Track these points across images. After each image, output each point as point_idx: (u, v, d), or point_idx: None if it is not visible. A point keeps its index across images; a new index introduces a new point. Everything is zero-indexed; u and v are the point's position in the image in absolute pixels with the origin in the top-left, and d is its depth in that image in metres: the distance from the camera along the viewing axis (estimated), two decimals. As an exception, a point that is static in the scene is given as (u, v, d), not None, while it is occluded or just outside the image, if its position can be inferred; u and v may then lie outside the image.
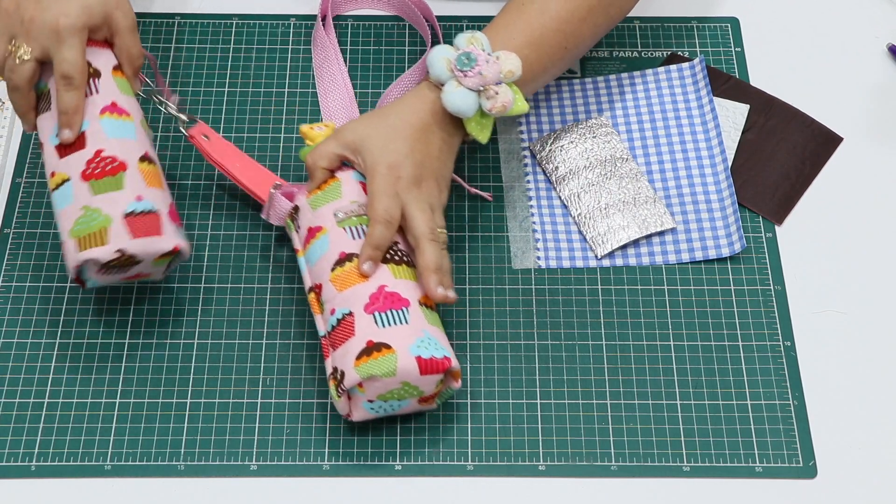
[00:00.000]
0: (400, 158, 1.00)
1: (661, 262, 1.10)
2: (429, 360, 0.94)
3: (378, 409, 0.97)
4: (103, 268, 0.98)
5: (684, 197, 1.13)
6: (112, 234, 0.97)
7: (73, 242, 0.98)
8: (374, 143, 1.01)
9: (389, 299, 0.97)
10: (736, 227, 1.10)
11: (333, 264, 0.99)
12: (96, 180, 0.99)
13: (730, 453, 1.00)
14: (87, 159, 1.00)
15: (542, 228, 1.11)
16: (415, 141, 1.02)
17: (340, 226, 1.01)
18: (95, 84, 1.03)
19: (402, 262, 1.00)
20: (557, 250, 1.10)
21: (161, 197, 1.01)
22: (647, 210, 1.11)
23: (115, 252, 0.97)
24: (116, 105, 1.03)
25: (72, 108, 1.01)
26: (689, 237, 1.11)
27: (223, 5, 1.27)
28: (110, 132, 1.01)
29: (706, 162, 1.15)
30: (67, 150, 1.01)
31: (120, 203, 0.98)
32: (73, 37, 1.00)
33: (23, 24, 1.00)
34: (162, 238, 0.99)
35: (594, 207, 1.12)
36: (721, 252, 1.10)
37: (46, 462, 0.99)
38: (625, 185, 1.13)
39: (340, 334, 0.97)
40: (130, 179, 1.00)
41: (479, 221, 1.12)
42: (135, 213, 0.98)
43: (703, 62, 1.19)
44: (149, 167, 1.02)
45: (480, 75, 1.02)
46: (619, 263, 1.10)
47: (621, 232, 1.10)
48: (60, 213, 1.00)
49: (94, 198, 0.98)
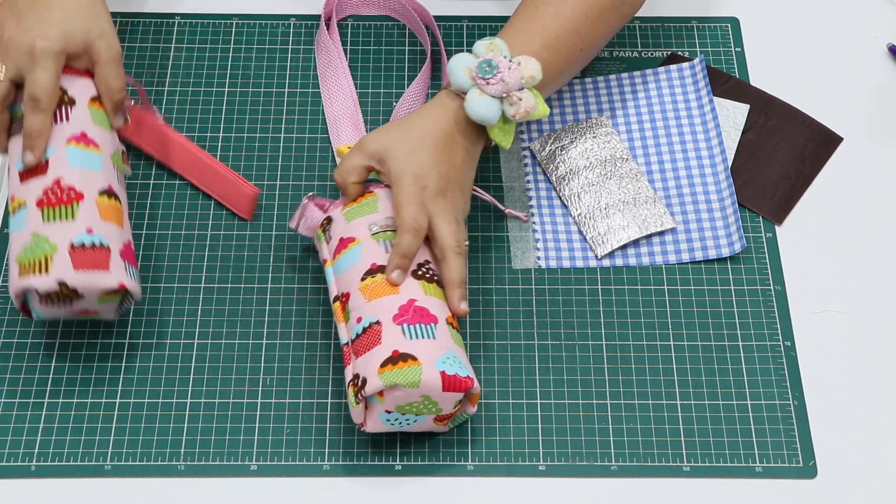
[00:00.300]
0: (425, 170, 1.00)
1: (661, 262, 1.10)
2: (452, 377, 0.93)
3: (393, 422, 0.96)
4: (45, 299, 0.96)
5: (684, 197, 1.13)
6: (55, 263, 0.95)
7: (16, 268, 0.96)
8: (398, 154, 1.01)
9: (419, 313, 0.96)
10: (736, 227, 1.10)
11: (364, 274, 0.99)
12: (49, 207, 0.97)
13: (730, 453, 1.00)
14: (45, 186, 0.98)
15: (542, 228, 1.12)
16: (439, 151, 1.02)
17: (374, 238, 1.00)
18: (67, 111, 1.02)
19: (433, 280, 0.99)
20: (557, 250, 1.10)
21: (116, 233, 0.99)
22: (647, 210, 1.11)
23: (55, 282, 0.94)
24: (86, 135, 1.01)
25: (35, 131, 1.00)
26: (690, 237, 1.11)
27: (223, 5, 1.27)
28: (73, 161, 1.00)
29: (706, 162, 1.15)
30: (29, 175, 0.99)
31: (69, 233, 0.96)
32: (48, 60, 1.00)
33: (1, 43, 1.01)
34: (107, 274, 0.96)
35: (594, 207, 1.12)
36: (721, 252, 1.10)
37: (46, 462, 0.99)
38: (625, 185, 1.13)
39: (366, 342, 0.96)
40: (85, 211, 0.97)
41: (479, 221, 1.12)
42: (83, 246, 0.96)
43: (703, 62, 1.19)
44: (109, 201, 1.00)
45: (503, 82, 1.02)
46: (619, 263, 1.10)
47: (621, 232, 1.10)
48: (12, 238, 0.98)
49: (45, 225, 0.96)
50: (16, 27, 1.01)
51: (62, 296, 0.96)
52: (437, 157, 1.01)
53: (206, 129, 1.17)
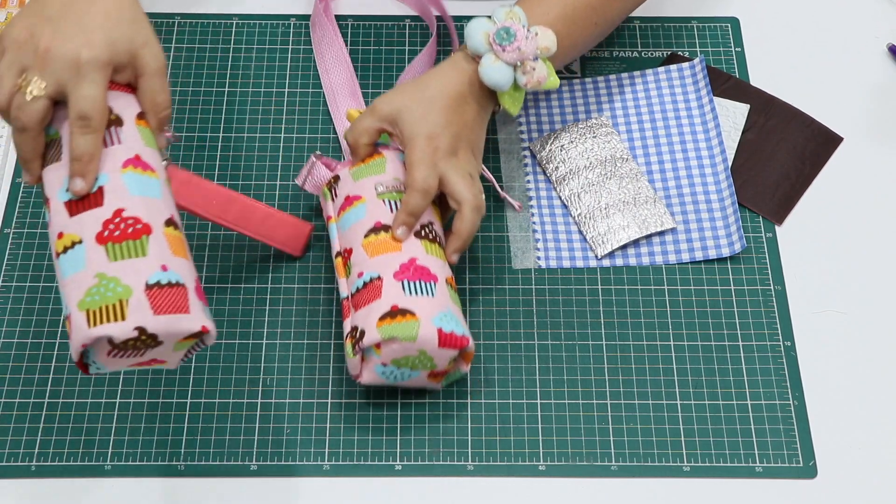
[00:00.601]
0: (438, 129, 1.02)
1: (661, 262, 1.10)
2: (449, 334, 0.96)
3: (388, 375, 0.98)
4: (116, 349, 0.83)
5: (684, 197, 1.13)
6: (132, 307, 0.82)
7: (82, 316, 0.82)
8: (411, 115, 1.02)
9: (419, 271, 0.98)
10: (736, 227, 1.10)
11: (368, 231, 1.01)
12: (115, 244, 0.84)
13: (730, 453, 1.00)
14: (104, 219, 0.85)
15: (542, 228, 1.12)
16: (451, 112, 1.03)
17: (380, 198, 1.02)
18: (117, 133, 0.88)
19: (436, 241, 1.01)
20: (557, 250, 1.10)
21: (188, 269, 0.87)
22: (647, 210, 1.11)
23: (133, 330, 0.82)
24: (140, 159, 0.88)
25: (87, 155, 0.86)
26: (690, 237, 1.11)
27: (224, 5, 1.27)
28: (133, 189, 0.86)
29: (706, 162, 1.15)
30: (80, 206, 0.85)
31: (143, 272, 0.83)
32: (96, 72, 0.87)
33: (37, 54, 0.87)
34: (189, 317, 0.84)
35: (594, 207, 1.12)
36: (721, 252, 1.10)
37: (46, 462, 0.99)
38: (625, 185, 1.13)
39: (366, 296, 0.98)
40: (155, 245, 0.84)
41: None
42: (160, 285, 0.83)
43: (703, 62, 1.19)
44: (174, 233, 0.87)
45: (519, 51, 1.03)
46: (619, 263, 1.10)
47: (621, 232, 1.10)
48: (67, 282, 0.84)
49: (112, 264, 0.83)
50: (52, 36, 0.87)
51: (138, 344, 0.83)
52: (450, 117, 1.02)
53: (206, 129, 1.17)
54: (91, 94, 0.87)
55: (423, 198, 1.00)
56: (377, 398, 1.03)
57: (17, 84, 0.87)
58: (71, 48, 0.87)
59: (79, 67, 0.87)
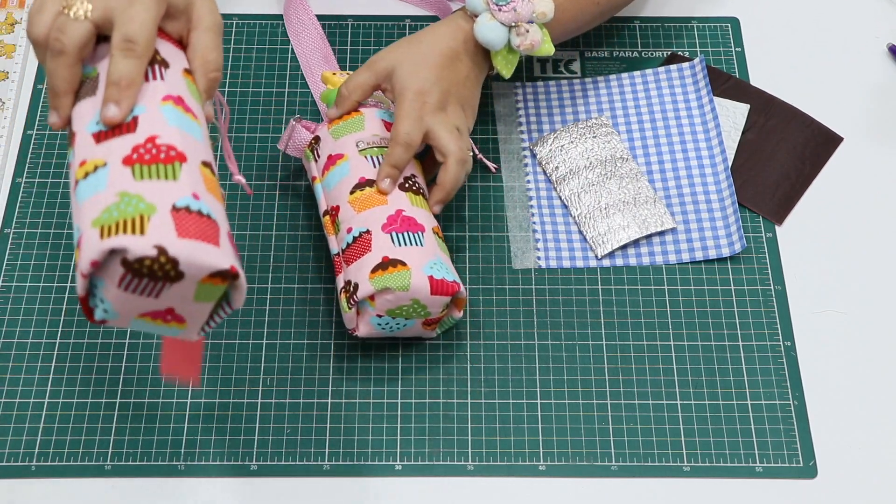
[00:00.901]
0: (428, 85, 1.04)
1: (661, 263, 1.10)
2: (440, 280, 0.98)
3: (384, 326, 1.00)
4: (129, 274, 0.72)
5: (684, 197, 1.13)
6: (153, 225, 0.71)
7: (96, 232, 0.72)
8: (404, 69, 1.04)
9: (406, 222, 1.00)
10: (736, 228, 1.10)
11: (353, 188, 1.02)
12: (143, 165, 0.74)
13: (730, 453, 1.00)
14: (134, 144, 0.75)
15: (543, 228, 1.12)
16: (443, 68, 1.05)
17: (362, 154, 1.04)
18: (161, 71, 0.80)
19: (420, 193, 1.04)
20: (557, 250, 1.10)
21: (221, 212, 0.77)
22: (647, 210, 1.11)
23: (152, 247, 0.71)
24: (183, 100, 0.79)
25: (126, 79, 0.78)
26: (690, 237, 1.11)
27: (224, 5, 1.27)
28: (172, 120, 0.77)
29: (706, 162, 1.15)
30: (109, 134, 0.76)
31: (171, 193, 0.73)
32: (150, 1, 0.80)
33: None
34: (218, 250, 0.73)
35: (594, 207, 1.12)
36: (721, 252, 1.10)
37: (46, 462, 0.99)
38: (625, 185, 1.13)
39: (356, 250, 1.00)
40: (188, 174, 0.75)
41: (479, 221, 1.12)
42: (189, 210, 0.73)
43: (703, 62, 1.19)
44: (211, 175, 0.78)
45: (514, 11, 1.05)
46: (619, 263, 1.10)
47: (621, 232, 1.10)
48: (81, 205, 0.74)
49: (138, 183, 0.73)
50: None
51: (155, 271, 0.71)
52: (441, 73, 1.05)
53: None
54: (140, 18, 0.79)
55: (405, 151, 1.02)
56: (377, 398, 1.03)
57: (61, 6, 0.80)
58: None
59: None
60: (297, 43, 1.22)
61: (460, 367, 1.04)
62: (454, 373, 1.04)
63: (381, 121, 1.07)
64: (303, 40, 1.22)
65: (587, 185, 1.13)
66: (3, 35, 1.25)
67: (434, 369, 1.04)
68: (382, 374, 1.04)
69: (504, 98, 1.19)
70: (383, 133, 1.06)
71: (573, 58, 1.23)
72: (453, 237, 1.11)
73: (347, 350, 1.05)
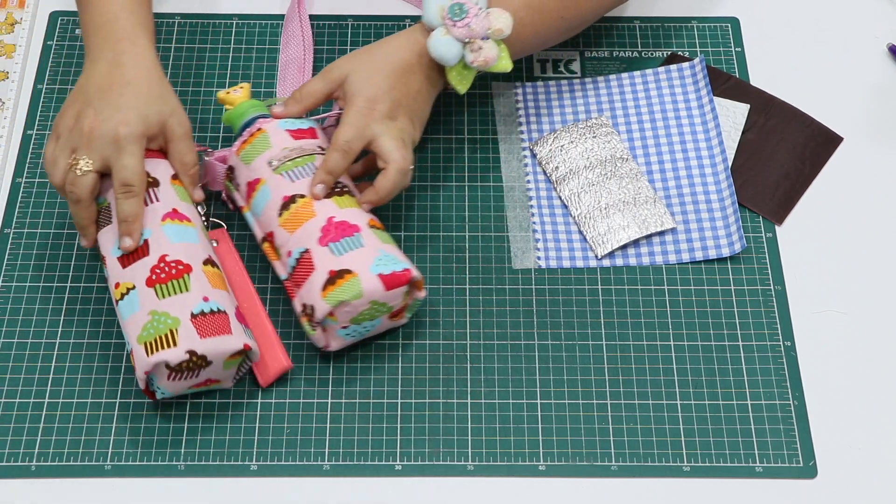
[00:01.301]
0: (379, 93, 1.04)
1: (661, 262, 1.10)
2: (390, 275, 0.98)
3: (353, 334, 1.01)
4: (173, 372, 0.96)
5: (684, 197, 1.13)
6: (181, 335, 0.96)
7: (142, 349, 0.96)
8: (357, 77, 1.05)
9: (340, 228, 1.00)
10: (736, 228, 1.10)
11: (279, 209, 1.03)
12: (161, 284, 0.98)
13: (730, 453, 1.00)
14: (151, 266, 0.99)
15: (543, 228, 1.12)
16: (396, 78, 1.05)
17: (277, 172, 1.04)
18: (155, 193, 1.02)
19: (344, 193, 1.04)
20: (558, 250, 1.10)
21: (227, 298, 1.00)
22: (647, 210, 1.11)
23: (185, 353, 0.95)
24: (177, 211, 1.02)
25: (131, 216, 1.00)
26: (690, 237, 1.11)
27: (223, 5, 1.27)
28: (173, 237, 1.00)
29: (706, 162, 1.15)
30: (130, 259, 1.00)
31: (187, 305, 0.97)
32: (133, 145, 1.01)
33: (83, 135, 1.01)
34: (231, 337, 0.97)
35: (594, 207, 1.12)
36: (721, 252, 1.10)
37: (46, 462, 0.99)
38: (625, 185, 1.13)
39: (302, 272, 1.00)
40: (196, 281, 0.99)
41: (479, 221, 1.12)
42: (203, 314, 0.97)
43: (703, 62, 1.19)
44: (212, 269, 1.01)
45: (469, 27, 1.04)
46: (619, 263, 1.10)
47: (621, 232, 1.10)
48: (127, 323, 0.98)
49: (161, 302, 0.97)
50: (94, 118, 1.01)
51: (191, 366, 0.96)
52: (393, 83, 1.05)
53: (206, 129, 1.17)
54: (130, 164, 1.01)
55: (342, 158, 1.03)
56: (377, 398, 1.03)
57: (69, 163, 1.01)
58: (110, 127, 1.01)
59: (118, 142, 1.00)
60: (284, 51, 1.22)
61: (460, 367, 1.04)
62: (454, 373, 1.04)
63: (287, 132, 1.06)
64: (289, 50, 1.21)
65: (587, 184, 1.13)
66: (3, 35, 1.25)
67: (434, 369, 1.04)
68: (382, 374, 1.04)
69: (504, 98, 1.19)
70: (292, 144, 1.05)
71: (573, 58, 1.23)
72: (453, 237, 1.11)
73: (347, 350, 1.05)
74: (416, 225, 1.12)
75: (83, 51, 1.22)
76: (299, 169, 1.04)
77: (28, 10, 1.26)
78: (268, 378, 1.02)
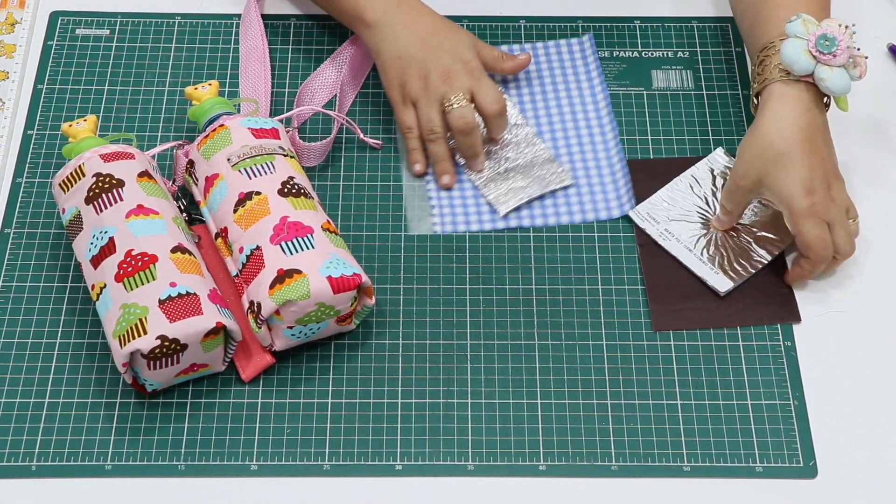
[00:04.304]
0: (808, 183, 1.02)
1: (556, 224, 1.12)
2: (339, 278, 0.98)
3: (298, 335, 1.01)
4: (150, 360, 0.97)
5: (575, 163, 1.16)
6: (150, 322, 0.96)
7: (116, 342, 0.97)
8: (772, 179, 1.03)
9: (293, 228, 1.01)
10: (626, 190, 1.13)
11: (235, 206, 1.03)
12: (129, 278, 0.99)
13: (730, 453, 1.00)
14: (118, 262, 1.00)
15: (438, 195, 1.14)
16: (809, 155, 1.02)
17: (235, 169, 1.04)
18: (119, 192, 1.03)
19: (301, 195, 1.04)
20: (453, 215, 1.12)
21: (199, 281, 1.00)
22: (545, 169, 1.14)
23: (155, 339, 0.96)
24: (143, 206, 1.03)
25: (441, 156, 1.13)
26: (581, 199, 1.14)
27: (223, 5, 1.27)
28: (137, 231, 1.01)
29: (596, 130, 1.18)
30: (99, 258, 1.01)
31: (154, 292, 0.98)
32: (483, 72, 1.13)
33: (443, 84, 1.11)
34: (202, 317, 0.97)
35: (494, 172, 1.14)
36: (612, 213, 1.12)
37: (46, 462, 0.99)
38: (522, 150, 1.15)
39: (252, 269, 1.00)
40: (162, 269, 0.99)
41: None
42: (171, 298, 0.97)
43: (591, 39, 1.23)
44: (183, 256, 1.01)
45: (848, 49, 1.02)
46: (514, 225, 1.11)
47: (522, 192, 1.13)
48: (104, 321, 1.00)
49: (130, 294, 0.98)
50: (440, 66, 1.11)
51: (167, 351, 0.96)
52: (810, 161, 1.02)
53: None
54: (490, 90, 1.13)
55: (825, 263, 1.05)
56: (377, 398, 1.03)
57: (444, 110, 1.11)
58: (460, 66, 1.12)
59: (472, 73, 1.12)
60: (242, 42, 1.22)
61: (460, 367, 1.04)
62: (454, 373, 1.04)
63: (248, 129, 1.07)
64: (248, 40, 1.22)
65: (485, 152, 1.15)
66: (3, 35, 1.25)
67: (434, 369, 1.04)
68: (382, 374, 1.04)
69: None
70: (252, 142, 1.06)
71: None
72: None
73: (347, 350, 1.05)
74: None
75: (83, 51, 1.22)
76: (257, 167, 1.04)
77: (28, 10, 1.26)
78: (248, 373, 1.02)
